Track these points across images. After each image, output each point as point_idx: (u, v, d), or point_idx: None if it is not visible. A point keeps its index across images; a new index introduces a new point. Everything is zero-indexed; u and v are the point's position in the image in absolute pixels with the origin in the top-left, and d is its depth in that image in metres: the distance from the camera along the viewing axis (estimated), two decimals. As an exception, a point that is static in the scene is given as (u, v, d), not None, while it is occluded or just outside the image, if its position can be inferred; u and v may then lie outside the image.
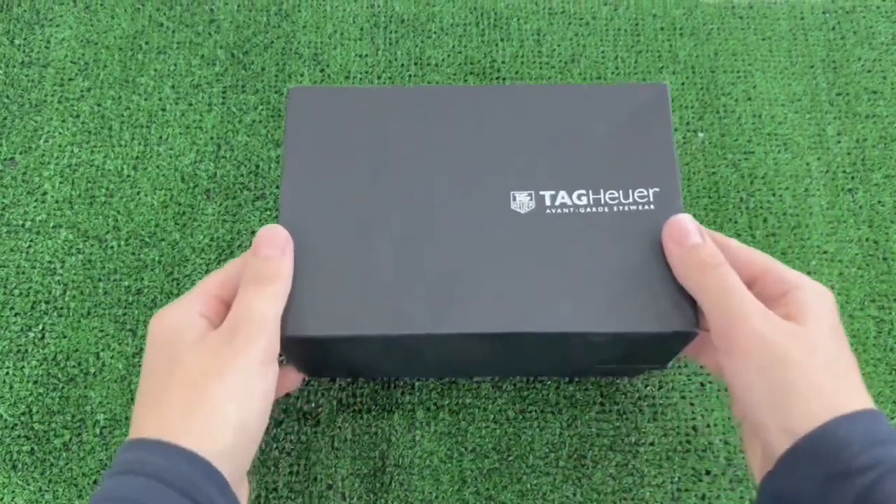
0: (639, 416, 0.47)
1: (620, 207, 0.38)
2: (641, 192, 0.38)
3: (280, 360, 0.36)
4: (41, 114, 0.54)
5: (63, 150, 0.53)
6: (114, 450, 0.46)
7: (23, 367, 0.48)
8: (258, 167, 0.53)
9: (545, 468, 0.46)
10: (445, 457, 0.46)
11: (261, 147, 0.54)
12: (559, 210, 0.38)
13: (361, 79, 0.56)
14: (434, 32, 0.57)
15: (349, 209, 0.38)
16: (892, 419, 0.47)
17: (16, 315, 0.49)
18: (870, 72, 0.56)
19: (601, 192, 0.38)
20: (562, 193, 0.38)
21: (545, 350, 0.40)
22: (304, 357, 0.41)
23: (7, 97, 0.55)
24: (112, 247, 0.51)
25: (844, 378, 0.33)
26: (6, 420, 0.47)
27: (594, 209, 0.38)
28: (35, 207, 0.52)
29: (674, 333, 0.36)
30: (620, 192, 0.38)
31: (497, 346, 0.39)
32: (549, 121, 0.40)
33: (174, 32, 0.57)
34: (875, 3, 0.58)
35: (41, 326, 0.49)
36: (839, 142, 0.54)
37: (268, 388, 0.34)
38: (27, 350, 0.48)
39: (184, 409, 0.32)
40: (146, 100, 0.55)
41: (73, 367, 0.48)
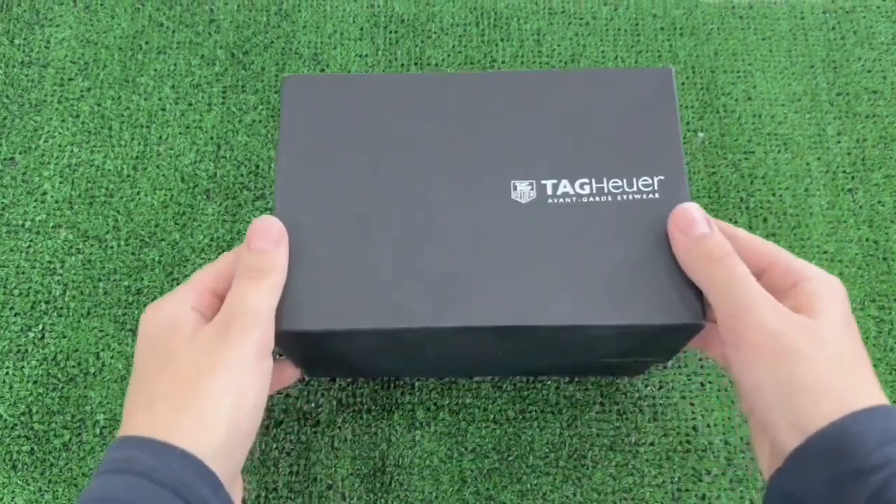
0: (639, 416, 0.47)
1: (624, 196, 0.37)
2: (646, 181, 0.37)
3: (277, 355, 0.36)
4: (41, 114, 0.54)
5: (63, 150, 0.53)
6: (114, 450, 0.46)
7: (23, 367, 0.48)
8: (258, 167, 0.53)
9: (545, 468, 0.46)
10: (445, 457, 0.46)
11: (261, 147, 0.54)
12: (561, 199, 0.37)
13: (361, 79, 0.56)
14: (434, 32, 0.57)
15: (346, 200, 0.37)
16: (892, 419, 0.47)
17: (16, 315, 0.49)
18: (870, 72, 0.56)
19: (604, 181, 0.37)
20: (564, 182, 0.37)
21: (547, 344, 0.39)
22: (302, 354, 0.41)
23: (7, 97, 0.55)
24: (112, 247, 0.51)
25: (856, 372, 0.31)
26: (6, 420, 0.47)
27: (597, 198, 0.37)
28: (35, 207, 0.52)
29: (680, 326, 0.35)
30: (624, 181, 0.37)
31: (498, 341, 0.38)
32: (551, 107, 0.39)
33: (174, 32, 0.57)
34: (875, 3, 0.58)
35: (41, 326, 0.49)
36: (839, 142, 0.54)
37: (262, 383, 0.33)
38: (27, 350, 0.48)
39: (175, 406, 0.31)
40: (146, 100, 0.55)
41: (73, 367, 0.48)
